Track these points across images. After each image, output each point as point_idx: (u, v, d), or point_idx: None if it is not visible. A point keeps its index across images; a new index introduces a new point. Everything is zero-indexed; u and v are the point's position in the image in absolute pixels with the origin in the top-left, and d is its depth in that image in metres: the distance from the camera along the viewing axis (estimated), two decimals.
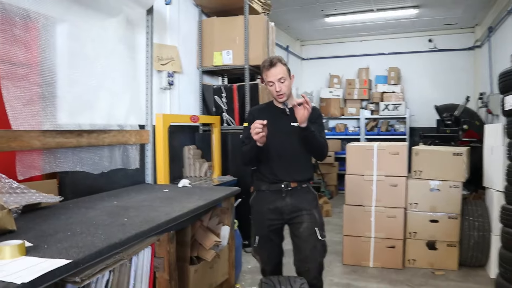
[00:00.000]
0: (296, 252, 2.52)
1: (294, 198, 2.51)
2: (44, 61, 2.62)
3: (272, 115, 2.57)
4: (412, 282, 3.64)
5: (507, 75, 3.07)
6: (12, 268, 1.39)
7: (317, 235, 2.46)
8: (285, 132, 2.50)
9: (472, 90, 7.75)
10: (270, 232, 2.55)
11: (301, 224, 2.48)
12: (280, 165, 2.50)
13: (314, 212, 2.52)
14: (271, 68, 2.42)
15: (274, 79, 2.43)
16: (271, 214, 2.53)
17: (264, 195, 2.57)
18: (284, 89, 2.45)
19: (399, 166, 4.00)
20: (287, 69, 2.48)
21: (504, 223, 3.15)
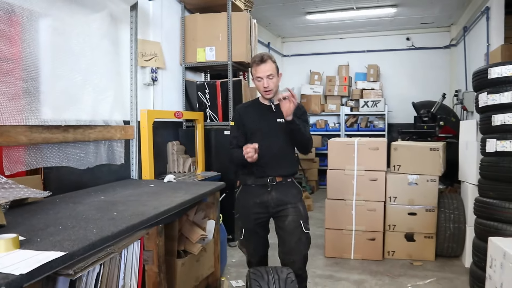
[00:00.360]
0: (281, 245, 2.58)
1: (280, 192, 2.57)
2: (28, 56, 2.61)
3: (258, 112, 2.64)
4: (392, 273, 3.77)
5: (481, 74, 3.21)
6: (8, 260, 1.41)
7: (302, 228, 2.53)
8: (271, 128, 2.55)
9: (448, 88, 7.99)
10: (256, 225, 2.61)
11: (286, 217, 2.54)
12: (266, 161, 2.54)
13: (299, 205, 2.58)
14: (261, 64, 2.47)
15: (263, 75, 2.48)
16: (257, 207, 2.58)
17: (250, 189, 2.62)
18: (271, 85, 2.50)
19: (378, 161, 4.12)
20: (276, 67, 2.53)
21: (477, 215, 3.29)
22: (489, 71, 3.11)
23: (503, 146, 3.03)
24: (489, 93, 3.12)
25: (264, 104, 2.64)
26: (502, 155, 3.04)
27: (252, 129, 2.60)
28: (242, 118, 2.65)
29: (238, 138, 2.62)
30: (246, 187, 2.65)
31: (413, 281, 3.57)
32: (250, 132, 2.60)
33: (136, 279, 2.20)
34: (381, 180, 4.10)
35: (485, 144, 3.20)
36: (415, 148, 4.21)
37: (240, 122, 2.65)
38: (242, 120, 2.64)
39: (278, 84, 2.57)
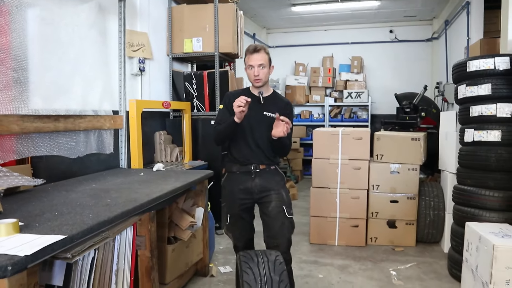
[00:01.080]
0: (266, 229, 2.68)
1: (263, 179, 2.66)
2: (18, 46, 2.62)
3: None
4: (374, 258, 3.91)
5: (460, 67, 3.34)
6: (10, 244, 1.47)
7: (285, 213, 2.63)
8: (257, 119, 2.62)
9: (429, 80, 8.18)
10: (241, 210, 2.70)
11: (270, 203, 2.64)
12: (250, 149, 2.65)
13: (282, 191, 2.68)
14: (255, 53, 2.56)
15: (254, 64, 2.55)
16: (242, 194, 2.67)
17: (235, 176, 2.71)
18: (261, 75, 2.58)
19: (362, 151, 4.24)
20: (268, 58, 2.61)
21: (456, 202, 3.45)
22: (468, 64, 3.24)
23: (480, 136, 3.18)
24: (468, 85, 3.25)
25: (253, 95, 2.70)
26: (479, 144, 3.19)
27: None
28: (231, 104, 2.68)
29: (225, 120, 2.66)
30: (231, 174, 2.74)
31: (394, 265, 3.72)
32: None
33: (129, 263, 2.27)
34: (364, 169, 4.22)
35: (463, 134, 3.34)
36: (397, 138, 4.35)
37: (227, 108, 2.70)
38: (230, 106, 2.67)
39: (268, 76, 2.65)
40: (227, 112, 2.68)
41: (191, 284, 3.27)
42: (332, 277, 3.47)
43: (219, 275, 3.47)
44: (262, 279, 2.14)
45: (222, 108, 2.75)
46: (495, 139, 3.10)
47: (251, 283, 2.12)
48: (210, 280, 3.37)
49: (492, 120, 3.13)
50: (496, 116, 3.10)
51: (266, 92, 2.70)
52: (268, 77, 2.65)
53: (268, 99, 2.68)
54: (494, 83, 3.10)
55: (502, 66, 3.10)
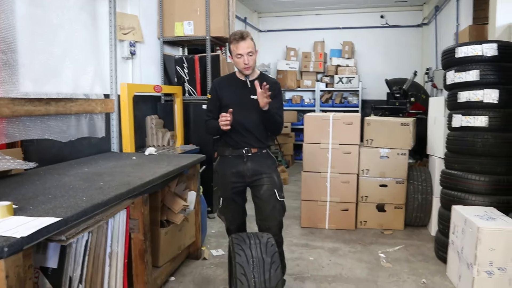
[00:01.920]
0: (258, 212, 2.73)
1: (255, 163, 2.69)
2: (7, 28, 2.60)
3: (234, 87, 2.73)
4: (364, 241, 3.99)
5: (449, 53, 3.37)
6: (5, 226, 1.48)
7: (276, 196, 2.67)
8: (245, 103, 2.64)
9: (419, 66, 8.21)
10: (233, 194, 2.74)
11: (261, 187, 2.68)
12: (242, 133, 2.67)
13: (273, 175, 2.72)
14: (242, 41, 2.55)
15: (243, 52, 2.55)
16: (234, 177, 2.70)
17: (227, 160, 2.73)
18: (251, 62, 2.59)
19: (352, 135, 4.28)
20: (254, 44, 2.63)
21: (443, 186, 3.51)
22: (456, 51, 3.27)
23: (468, 121, 3.23)
24: (456, 71, 3.29)
25: (240, 80, 2.72)
26: (466, 129, 3.24)
27: (227, 103, 2.66)
28: (218, 92, 2.75)
29: (214, 112, 2.73)
30: (223, 158, 2.76)
31: (383, 248, 3.80)
32: (225, 106, 2.67)
33: (123, 246, 2.30)
34: (354, 154, 4.27)
35: (451, 120, 3.39)
36: (387, 123, 4.39)
37: (216, 96, 2.75)
38: (218, 94, 2.74)
39: (255, 60, 2.66)
40: (216, 100, 2.73)
41: (183, 267, 3.31)
42: (323, 259, 3.54)
43: (211, 258, 3.52)
44: (255, 260, 2.18)
45: (210, 98, 2.79)
46: (482, 124, 3.16)
47: (244, 265, 2.16)
48: (202, 263, 3.42)
49: (479, 106, 3.18)
50: (483, 102, 3.15)
51: (252, 75, 2.72)
52: (255, 62, 2.67)
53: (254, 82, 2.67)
54: (481, 70, 3.14)
55: (489, 53, 3.14)
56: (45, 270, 1.85)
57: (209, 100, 2.81)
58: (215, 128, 2.63)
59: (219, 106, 2.72)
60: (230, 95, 2.71)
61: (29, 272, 1.49)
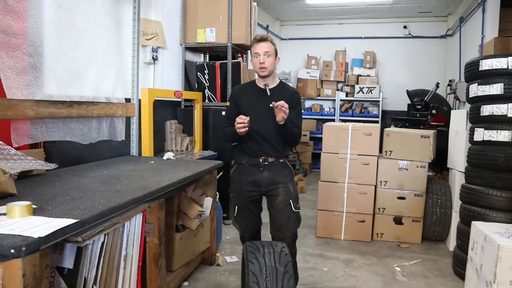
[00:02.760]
0: (272, 222, 2.71)
1: (271, 172, 2.66)
2: (35, 32, 2.68)
3: (253, 95, 2.71)
4: (379, 253, 3.93)
5: (473, 65, 3.31)
6: (24, 225, 1.52)
7: (291, 207, 2.64)
8: (264, 112, 2.59)
9: (442, 77, 8.10)
10: (249, 202, 2.72)
11: (277, 197, 2.66)
12: (259, 142, 2.65)
13: (289, 185, 2.69)
14: (261, 42, 2.57)
15: (260, 51, 2.56)
16: (250, 186, 2.68)
17: (244, 168, 2.71)
18: (267, 63, 2.57)
19: (371, 146, 4.24)
20: (274, 48, 2.62)
21: (463, 200, 3.44)
22: (481, 63, 3.22)
23: (490, 135, 3.16)
24: (480, 84, 3.23)
25: (259, 87, 2.71)
26: (488, 144, 3.17)
27: (246, 111, 2.64)
28: (237, 99, 2.74)
29: (231, 119, 2.69)
30: (240, 166, 2.74)
31: (399, 261, 3.74)
32: (244, 113, 2.62)
33: (138, 249, 2.32)
34: (373, 165, 4.23)
35: (473, 133, 3.33)
36: (406, 134, 4.34)
37: (235, 103, 2.74)
38: (237, 101, 2.73)
39: (274, 65, 2.64)
40: (235, 107, 2.72)
41: (197, 272, 3.32)
42: (337, 270, 3.50)
43: (225, 264, 3.52)
44: (268, 269, 2.17)
45: (229, 105, 2.80)
46: (505, 139, 3.08)
47: (257, 273, 2.16)
48: (216, 269, 3.42)
49: (502, 120, 3.11)
50: (507, 116, 3.08)
51: (272, 84, 2.69)
52: (273, 67, 2.64)
53: (274, 91, 2.67)
54: (506, 83, 3.07)
55: None
56: (61, 270, 1.88)
57: (228, 107, 2.82)
58: (232, 134, 2.62)
59: (238, 114, 2.68)
60: (249, 103, 2.70)
61: (46, 271, 1.52)
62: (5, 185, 1.92)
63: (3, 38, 2.41)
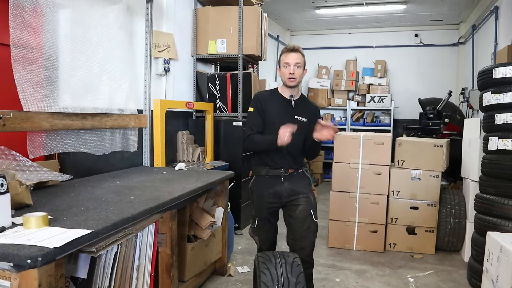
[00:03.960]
0: (291, 232, 2.67)
1: (292, 183, 2.64)
2: (50, 46, 2.74)
3: (278, 104, 2.64)
4: (392, 264, 3.89)
5: (486, 73, 3.29)
6: (40, 236, 1.54)
7: (312, 217, 2.63)
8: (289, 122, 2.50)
9: (454, 85, 8.04)
10: (269, 214, 2.69)
11: (297, 207, 2.63)
12: (280, 153, 2.59)
13: (310, 195, 2.68)
14: (292, 52, 2.54)
15: (291, 62, 2.53)
16: (271, 197, 2.64)
17: (264, 179, 2.66)
18: (297, 74, 2.54)
19: (383, 156, 4.22)
20: (304, 60, 2.60)
21: (477, 210, 3.39)
22: (494, 71, 3.19)
23: (505, 144, 3.13)
24: (493, 92, 3.20)
25: (283, 97, 2.65)
26: (503, 153, 3.14)
27: (271, 120, 2.60)
28: (262, 105, 2.63)
29: (258, 124, 2.61)
30: (259, 178, 2.69)
31: (412, 272, 3.69)
32: (270, 121, 2.61)
33: (150, 260, 2.34)
34: (385, 174, 4.20)
35: (487, 142, 3.29)
36: (419, 144, 4.31)
37: (260, 109, 2.63)
38: (263, 106, 2.63)
39: (302, 77, 2.62)
40: (259, 115, 2.63)
41: (209, 282, 3.32)
42: (349, 281, 3.47)
43: (236, 274, 3.52)
44: (280, 280, 2.17)
45: (253, 111, 2.65)
46: None
47: (268, 284, 2.15)
48: (227, 279, 3.42)
49: None
50: None
51: (296, 95, 2.66)
52: (301, 78, 2.62)
53: (298, 103, 2.65)
54: None
55: None
56: (75, 280, 1.90)
57: (251, 113, 2.66)
58: (263, 142, 2.55)
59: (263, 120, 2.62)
60: (274, 112, 2.63)
61: (60, 281, 1.54)
62: (21, 196, 1.96)
63: (20, 52, 2.46)
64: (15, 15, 2.43)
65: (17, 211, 1.87)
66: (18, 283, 1.41)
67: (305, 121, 2.63)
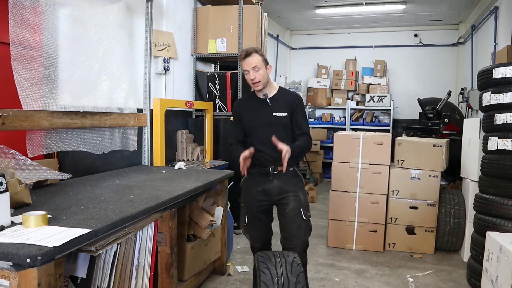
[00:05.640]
0: (282, 231, 2.69)
1: (281, 181, 2.64)
2: (50, 45, 2.73)
3: (254, 106, 2.70)
4: (392, 264, 3.89)
5: (485, 74, 3.29)
6: (39, 235, 1.54)
7: (302, 216, 2.62)
8: (267, 121, 2.61)
9: (454, 85, 8.05)
10: (259, 212, 2.71)
11: (287, 205, 2.64)
12: (266, 152, 2.60)
13: (300, 194, 2.67)
14: (246, 57, 2.55)
15: (248, 68, 2.55)
16: (260, 195, 2.67)
17: (254, 177, 2.69)
18: (258, 77, 2.56)
19: (382, 155, 4.22)
20: (262, 59, 2.58)
21: (477, 210, 3.40)
22: (494, 71, 3.19)
23: (504, 144, 3.13)
24: (493, 92, 3.20)
25: (259, 98, 2.69)
26: (503, 153, 3.14)
27: (249, 123, 2.67)
28: (239, 112, 2.73)
29: (238, 133, 2.73)
30: (250, 176, 2.70)
31: (412, 272, 3.69)
32: (248, 126, 2.68)
33: (150, 259, 2.33)
34: (384, 174, 4.20)
35: (487, 142, 3.29)
36: (418, 143, 4.31)
37: (238, 117, 2.74)
38: (240, 114, 2.72)
39: (267, 76, 2.62)
40: (239, 122, 2.73)
41: (208, 282, 3.32)
42: (349, 281, 3.47)
43: (236, 274, 3.51)
44: (279, 279, 2.16)
45: (233, 120, 2.78)
46: None
47: (268, 283, 2.15)
48: (227, 279, 3.42)
49: None
50: None
51: (271, 92, 2.69)
52: (266, 77, 2.63)
53: (275, 98, 2.67)
54: None
55: None
56: (75, 279, 1.90)
57: (232, 123, 2.80)
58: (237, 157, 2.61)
59: (242, 127, 2.71)
60: (252, 116, 2.69)
61: (60, 280, 1.54)
62: (20, 195, 1.96)
63: (19, 50, 2.46)
64: (15, 14, 2.42)
65: (16, 210, 1.86)
66: (17, 282, 1.41)
67: (285, 115, 2.63)
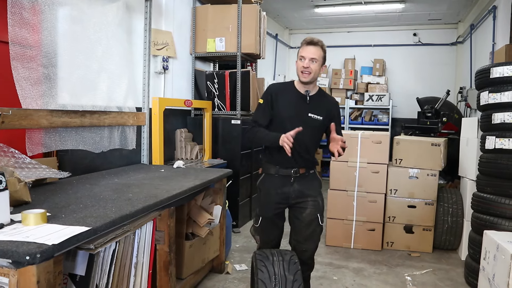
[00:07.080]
0: (295, 233, 2.60)
1: (302, 184, 2.52)
2: (49, 44, 2.74)
3: (292, 99, 2.49)
4: (390, 263, 3.90)
5: (483, 73, 3.30)
6: (39, 233, 1.55)
7: (318, 221, 2.54)
8: (301, 120, 2.42)
9: (453, 84, 8.06)
10: (275, 215, 2.57)
11: (305, 210, 2.52)
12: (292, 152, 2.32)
13: (318, 199, 2.56)
14: (310, 45, 2.39)
15: (306, 55, 2.38)
16: (278, 198, 2.53)
17: (273, 179, 2.54)
18: (312, 68, 2.38)
19: (381, 154, 4.23)
20: (323, 56, 2.44)
21: (474, 209, 3.41)
22: (491, 71, 3.20)
23: (502, 143, 3.14)
24: (491, 92, 3.21)
25: (299, 92, 2.50)
26: (500, 152, 3.15)
27: (282, 113, 2.47)
28: (273, 99, 2.49)
29: (264, 118, 2.49)
30: (268, 176, 2.57)
31: (410, 271, 3.71)
32: (280, 117, 2.48)
33: (148, 257, 2.34)
34: (382, 173, 4.21)
35: (484, 141, 3.31)
36: (417, 143, 4.32)
37: (270, 103, 2.49)
38: (273, 100, 2.49)
39: (318, 73, 2.45)
40: (270, 107, 2.49)
41: (206, 280, 3.33)
42: (347, 279, 3.48)
43: (234, 272, 3.53)
44: (277, 277, 2.18)
45: (262, 103, 2.50)
46: None
47: (266, 281, 2.16)
48: (225, 277, 3.43)
49: None
50: None
51: (312, 91, 2.51)
52: (318, 74, 2.44)
53: (314, 98, 2.50)
54: None
55: None
56: (73, 277, 1.90)
57: (260, 105, 2.51)
58: (266, 139, 2.43)
59: (271, 115, 2.49)
60: (287, 107, 2.47)
61: (59, 278, 1.55)
62: (20, 193, 1.97)
63: (18, 50, 2.46)
64: (14, 13, 2.43)
65: (16, 208, 1.87)
66: (16, 279, 1.42)
67: (320, 119, 2.47)
